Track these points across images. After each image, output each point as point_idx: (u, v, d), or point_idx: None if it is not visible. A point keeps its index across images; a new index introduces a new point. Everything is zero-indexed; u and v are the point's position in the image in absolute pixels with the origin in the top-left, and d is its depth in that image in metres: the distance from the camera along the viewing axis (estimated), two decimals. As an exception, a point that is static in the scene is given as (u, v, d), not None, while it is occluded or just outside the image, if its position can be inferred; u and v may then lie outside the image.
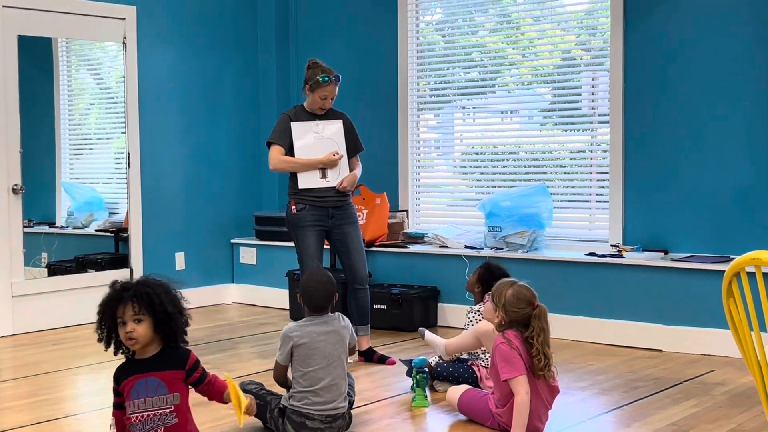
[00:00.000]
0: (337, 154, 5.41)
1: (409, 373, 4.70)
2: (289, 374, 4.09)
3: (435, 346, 4.71)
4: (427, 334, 4.78)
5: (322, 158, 5.40)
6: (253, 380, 4.20)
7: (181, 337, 3.25)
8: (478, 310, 4.76)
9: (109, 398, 4.70)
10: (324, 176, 5.43)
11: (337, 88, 5.43)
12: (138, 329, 3.14)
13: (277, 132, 5.50)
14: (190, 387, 3.24)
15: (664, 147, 6.03)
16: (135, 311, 3.14)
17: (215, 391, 3.28)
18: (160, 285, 3.25)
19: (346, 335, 4.10)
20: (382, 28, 7.36)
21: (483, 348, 4.57)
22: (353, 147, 5.61)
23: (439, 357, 4.76)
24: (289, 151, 5.46)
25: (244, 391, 4.04)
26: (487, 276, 4.82)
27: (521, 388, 3.84)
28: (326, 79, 5.36)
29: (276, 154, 5.46)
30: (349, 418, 4.07)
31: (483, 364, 4.64)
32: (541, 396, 3.95)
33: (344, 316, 4.19)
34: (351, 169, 5.58)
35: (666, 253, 5.93)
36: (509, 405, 3.91)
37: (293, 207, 5.47)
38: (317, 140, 5.45)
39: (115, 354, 3.25)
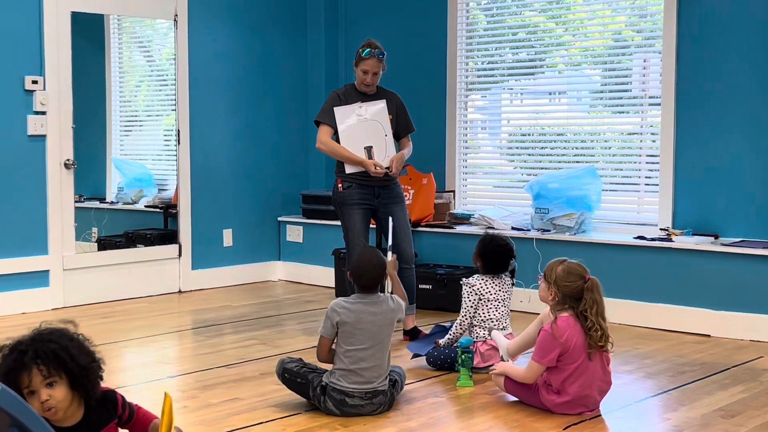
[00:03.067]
0: (379, 167, 5.37)
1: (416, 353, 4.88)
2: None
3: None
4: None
5: (365, 161, 5.38)
6: (293, 357, 4.23)
7: (98, 385, 2.77)
8: (468, 282, 4.81)
9: (161, 372, 4.81)
10: (370, 158, 5.44)
11: (380, 65, 5.42)
12: (55, 394, 2.61)
13: (324, 111, 5.52)
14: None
15: (716, 130, 5.94)
16: (44, 375, 2.60)
17: (141, 425, 2.89)
18: (60, 335, 2.69)
19: (394, 318, 4.11)
20: (430, 9, 7.33)
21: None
22: (404, 127, 5.61)
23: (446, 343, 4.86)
24: (337, 131, 5.48)
25: (285, 369, 4.12)
26: (480, 249, 4.88)
27: (533, 372, 3.98)
28: (369, 53, 5.36)
29: (323, 135, 5.48)
30: (391, 397, 4.09)
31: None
32: (597, 377, 3.97)
33: (394, 297, 4.21)
34: (401, 149, 5.59)
35: (716, 237, 5.86)
36: (563, 393, 3.97)
37: (340, 185, 5.49)
38: (361, 122, 5.46)
39: None
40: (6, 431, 1.71)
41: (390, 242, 5.23)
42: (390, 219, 5.37)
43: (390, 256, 4.85)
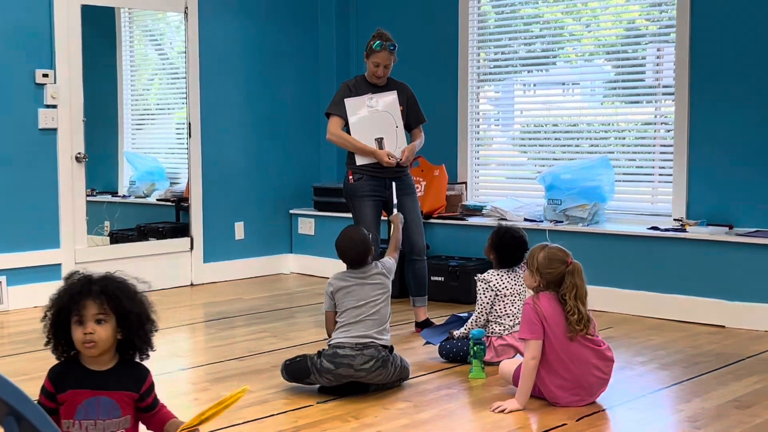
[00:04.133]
0: (392, 157, 5.35)
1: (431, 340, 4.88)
2: None
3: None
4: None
5: (377, 151, 5.36)
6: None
7: (146, 350, 2.80)
8: (483, 278, 4.75)
9: (172, 364, 4.80)
10: (381, 149, 5.41)
11: (391, 57, 5.39)
12: (99, 331, 2.64)
13: (335, 103, 5.50)
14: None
15: (730, 121, 5.90)
16: (99, 309, 2.65)
17: (157, 422, 2.83)
18: (129, 284, 2.76)
19: (383, 279, 4.36)
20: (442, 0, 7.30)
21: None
22: (415, 118, 5.58)
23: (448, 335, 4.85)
24: (347, 122, 5.46)
25: (285, 363, 4.26)
26: (497, 241, 4.81)
27: (529, 352, 3.92)
28: (380, 45, 5.33)
29: (334, 127, 5.46)
30: (384, 357, 4.15)
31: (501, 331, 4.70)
32: (588, 362, 3.94)
33: (381, 262, 4.43)
34: (413, 140, 5.56)
35: (730, 227, 5.82)
36: (557, 375, 3.94)
37: (351, 177, 5.47)
38: (371, 114, 5.44)
39: (59, 359, 2.78)
40: (2, 419, 1.70)
41: (395, 201, 5.35)
42: (393, 183, 5.37)
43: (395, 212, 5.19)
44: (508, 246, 4.81)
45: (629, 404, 4.07)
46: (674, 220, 6.06)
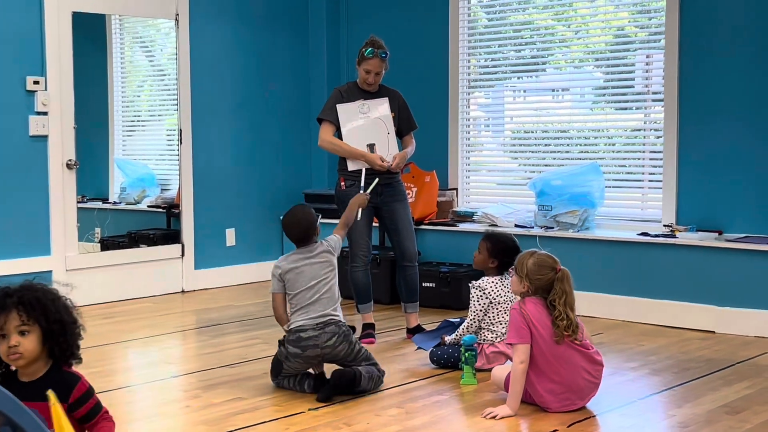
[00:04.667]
0: (384, 161, 5.36)
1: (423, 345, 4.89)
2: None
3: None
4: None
5: (368, 154, 5.36)
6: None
7: (75, 354, 2.74)
8: (478, 285, 4.74)
9: (164, 371, 4.80)
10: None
11: (383, 65, 5.40)
12: (24, 342, 2.62)
13: (327, 109, 5.51)
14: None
15: (719, 126, 5.93)
16: (21, 321, 2.62)
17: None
18: (49, 290, 2.73)
19: (330, 257, 4.43)
20: (432, 6, 7.32)
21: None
22: (406, 125, 5.59)
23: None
24: (339, 128, 5.47)
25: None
26: (499, 247, 4.79)
27: (517, 357, 3.93)
28: (371, 52, 5.34)
29: (325, 133, 5.46)
30: (346, 332, 4.29)
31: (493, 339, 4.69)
32: (577, 365, 3.96)
33: (326, 240, 4.50)
34: (404, 147, 5.57)
35: (720, 233, 5.84)
36: (548, 380, 3.96)
37: (342, 183, 5.48)
38: (365, 121, 5.44)
39: None
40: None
41: (369, 190, 5.27)
42: (376, 179, 5.34)
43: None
44: (512, 250, 4.77)
45: (620, 410, 4.08)
46: (664, 226, 6.09)
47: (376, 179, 5.32)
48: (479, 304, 4.71)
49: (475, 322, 4.72)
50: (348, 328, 4.38)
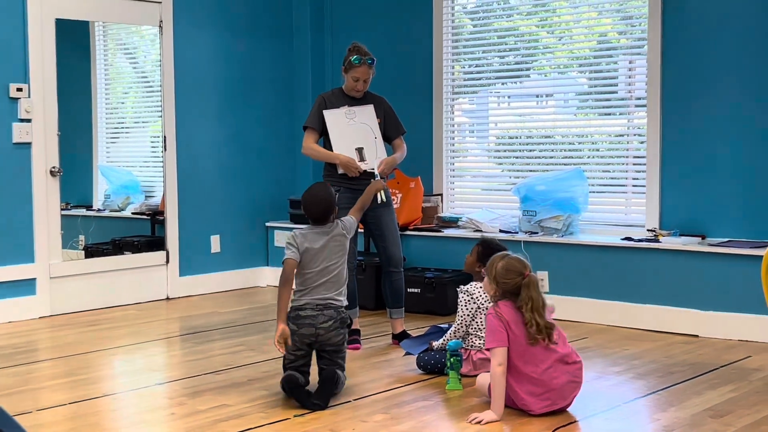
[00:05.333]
0: (356, 169, 5.37)
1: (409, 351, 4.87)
2: None
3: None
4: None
5: (340, 156, 5.38)
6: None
7: None
8: (467, 290, 4.75)
9: (149, 379, 4.79)
10: (362, 160, 5.43)
11: (370, 71, 5.41)
12: None
13: (311, 116, 5.52)
14: None
15: (702, 131, 5.96)
16: None
17: None
18: None
19: (343, 240, 4.45)
20: (416, 13, 7.33)
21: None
22: (394, 129, 5.59)
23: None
24: (323, 134, 5.47)
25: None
26: (487, 252, 4.77)
27: (495, 359, 3.97)
28: (358, 60, 5.35)
29: (307, 141, 5.51)
30: (341, 320, 4.32)
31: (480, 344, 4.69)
32: (554, 365, 3.99)
33: (342, 220, 4.50)
34: (394, 152, 5.56)
35: (703, 237, 5.88)
36: (530, 382, 3.99)
37: (328, 189, 5.47)
38: (351, 127, 5.46)
39: None
40: None
41: (377, 172, 5.36)
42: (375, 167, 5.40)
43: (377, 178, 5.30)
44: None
45: (605, 414, 4.09)
46: (647, 230, 6.11)
47: (377, 179, 5.34)
48: (467, 309, 4.71)
49: (462, 327, 4.72)
50: (347, 316, 4.42)
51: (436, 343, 4.80)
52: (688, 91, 6.00)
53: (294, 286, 4.39)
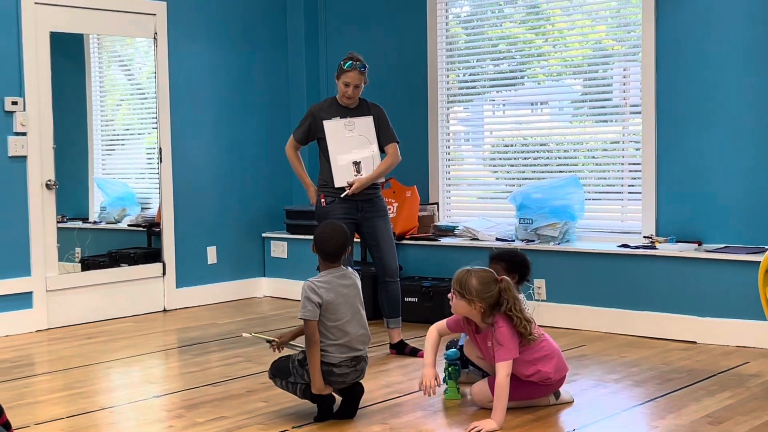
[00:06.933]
0: (313, 199, 5.55)
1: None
2: None
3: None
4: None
5: (305, 179, 5.66)
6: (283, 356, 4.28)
7: None
8: None
9: (146, 391, 4.78)
10: (358, 173, 5.44)
11: (362, 78, 5.41)
12: None
13: (300, 127, 5.62)
14: None
15: (697, 138, 5.97)
16: None
17: None
18: None
19: (359, 285, 4.27)
20: (411, 22, 7.35)
21: None
22: (386, 137, 5.58)
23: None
24: (306, 139, 5.61)
25: (271, 366, 4.21)
26: (515, 263, 4.76)
27: (503, 370, 4.00)
28: (350, 65, 5.36)
29: (288, 146, 5.69)
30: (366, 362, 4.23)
31: None
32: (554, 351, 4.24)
33: (350, 269, 4.34)
34: (385, 160, 5.55)
35: (699, 244, 5.88)
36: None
37: (323, 200, 5.49)
38: (350, 138, 5.47)
39: None
40: None
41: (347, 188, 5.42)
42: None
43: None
44: (526, 261, 4.81)
45: (603, 422, 4.09)
46: (644, 237, 6.12)
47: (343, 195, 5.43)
48: None
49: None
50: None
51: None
52: (683, 97, 6.01)
53: (320, 332, 4.09)
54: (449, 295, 4.20)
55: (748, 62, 5.75)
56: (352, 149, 5.46)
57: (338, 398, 4.18)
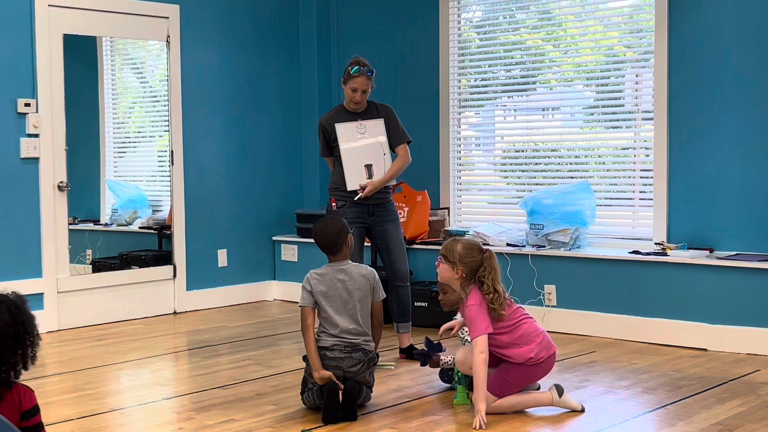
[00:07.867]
0: (360, 191, 5.46)
1: (423, 363, 4.79)
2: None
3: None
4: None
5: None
6: None
7: (25, 367, 2.68)
8: None
9: (156, 394, 4.79)
10: (370, 176, 5.44)
11: (369, 83, 5.41)
12: None
13: (321, 145, 5.67)
14: None
15: (709, 144, 5.96)
16: None
17: None
18: (13, 300, 2.68)
19: (364, 283, 4.37)
20: (423, 27, 7.35)
21: None
22: (397, 138, 5.57)
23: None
24: (329, 150, 5.58)
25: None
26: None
27: (477, 348, 4.09)
28: (357, 70, 5.36)
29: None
30: (369, 361, 4.29)
31: None
32: (536, 329, 4.27)
33: (368, 267, 4.46)
34: (396, 161, 5.55)
35: (711, 251, 5.86)
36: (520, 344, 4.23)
37: (333, 204, 5.49)
38: (362, 142, 5.48)
39: None
40: None
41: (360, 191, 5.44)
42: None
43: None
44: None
45: (613, 429, 4.08)
46: (655, 243, 6.10)
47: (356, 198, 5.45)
48: None
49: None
50: (374, 355, 4.38)
51: (445, 359, 4.77)
52: (695, 104, 6.00)
53: (318, 321, 4.36)
54: (436, 263, 4.37)
55: (761, 68, 5.73)
56: (365, 153, 5.46)
57: (341, 385, 4.21)
